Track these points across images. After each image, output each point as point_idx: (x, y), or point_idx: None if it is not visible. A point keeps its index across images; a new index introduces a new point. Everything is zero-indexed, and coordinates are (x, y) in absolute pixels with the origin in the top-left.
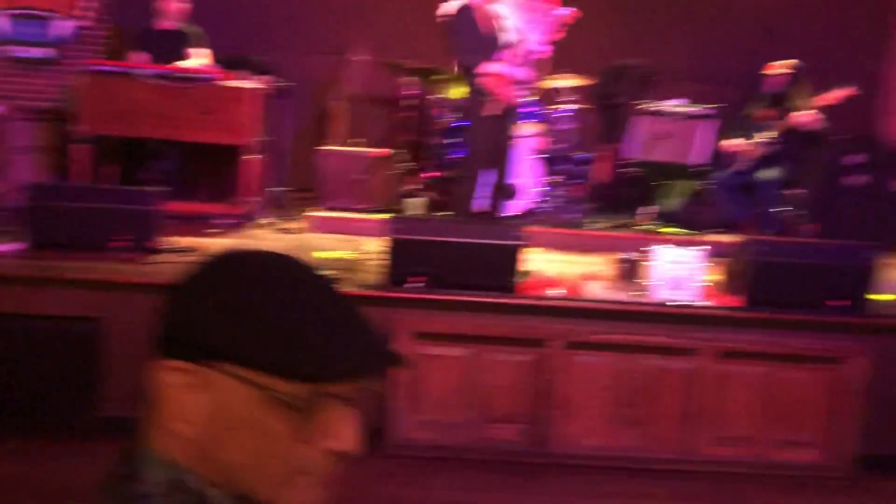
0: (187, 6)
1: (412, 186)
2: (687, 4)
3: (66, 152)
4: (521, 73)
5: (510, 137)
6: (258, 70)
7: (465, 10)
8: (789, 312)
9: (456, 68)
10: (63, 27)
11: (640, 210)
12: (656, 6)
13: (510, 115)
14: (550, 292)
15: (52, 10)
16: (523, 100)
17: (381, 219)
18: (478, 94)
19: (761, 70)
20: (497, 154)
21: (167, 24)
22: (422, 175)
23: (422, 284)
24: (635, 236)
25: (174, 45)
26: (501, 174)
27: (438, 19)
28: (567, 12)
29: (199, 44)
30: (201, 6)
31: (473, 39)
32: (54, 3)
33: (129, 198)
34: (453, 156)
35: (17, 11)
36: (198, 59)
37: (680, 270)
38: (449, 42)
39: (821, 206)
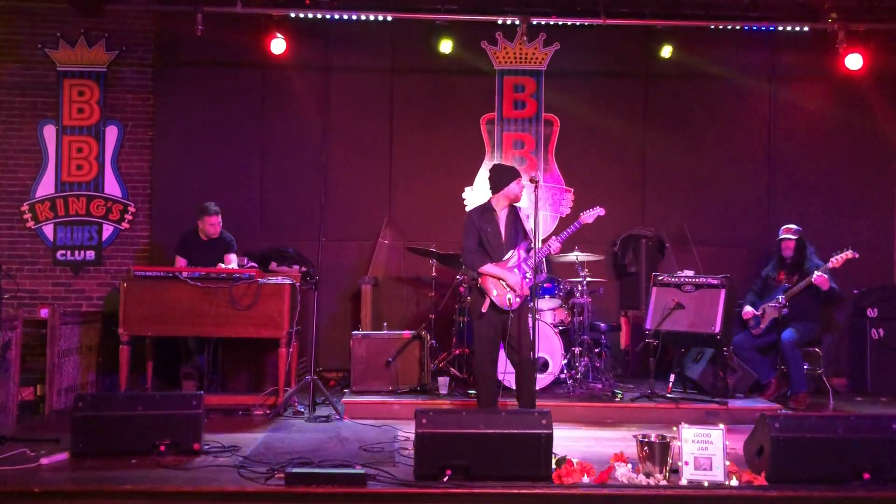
0: (220, 218)
1: (438, 364)
2: (691, 174)
3: (108, 352)
4: (527, 272)
5: (520, 323)
6: (290, 261)
7: (476, 213)
8: (816, 489)
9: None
10: (108, 233)
11: (664, 379)
12: (661, 178)
13: (512, 309)
14: (582, 479)
15: (100, 217)
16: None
17: (412, 402)
18: (478, 293)
19: (776, 236)
20: (509, 339)
21: (209, 234)
22: (445, 354)
23: (448, 478)
24: (660, 406)
25: (214, 251)
26: (520, 356)
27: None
28: (590, 218)
29: (231, 249)
30: (237, 203)
31: (477, 242)
32: (101, 212)
33: (170, 403)
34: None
35: (68, 219)
36: (233, 263)
37: (703, 450)
38: (462, 241)
39: (847, 359)
